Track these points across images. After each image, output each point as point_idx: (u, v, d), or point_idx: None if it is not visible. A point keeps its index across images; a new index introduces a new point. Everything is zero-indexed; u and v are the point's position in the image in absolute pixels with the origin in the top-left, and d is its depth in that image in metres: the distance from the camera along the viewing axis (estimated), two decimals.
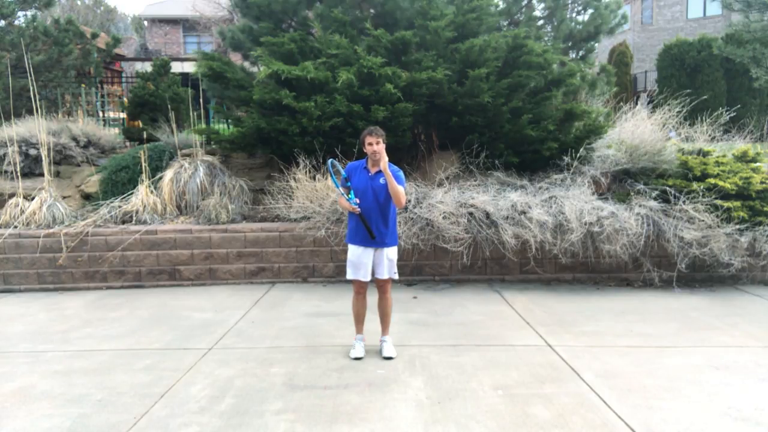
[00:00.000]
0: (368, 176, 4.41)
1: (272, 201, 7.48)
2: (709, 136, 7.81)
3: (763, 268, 6.79)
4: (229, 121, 10.23)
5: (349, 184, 4.43)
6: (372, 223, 4.35)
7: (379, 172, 4.36)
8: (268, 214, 7.50)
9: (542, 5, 9.52)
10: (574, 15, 9.82)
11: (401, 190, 4.31)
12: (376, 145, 4.29)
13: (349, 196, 4.36)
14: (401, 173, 4.42)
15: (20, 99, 10.06)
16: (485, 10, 7.63)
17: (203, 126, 9.93)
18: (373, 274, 4.50)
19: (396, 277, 4.53)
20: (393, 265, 4.48)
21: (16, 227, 7.16)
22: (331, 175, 4.50)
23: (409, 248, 6.66)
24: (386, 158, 4.31)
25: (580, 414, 3.52)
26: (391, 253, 4.47)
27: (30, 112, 8.93)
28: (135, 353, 4.70)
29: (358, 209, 4.30)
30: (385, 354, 4.49)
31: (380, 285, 4.53)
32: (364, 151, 4.39)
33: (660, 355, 4.52)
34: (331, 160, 4.57)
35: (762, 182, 6.70)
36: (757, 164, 7.06)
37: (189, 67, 14.70)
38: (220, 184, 7.88)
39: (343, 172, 4.50)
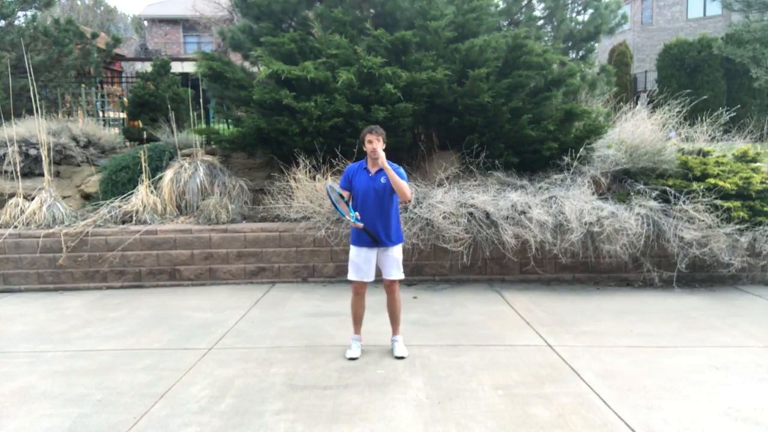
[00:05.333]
0: (369, 176, 4.40)
1: (272, 201, 7.48)
2: (709, 136, 7.81)
3: (763, 268, 6.79)
4: (229, 121, 10.24)
5: (345, 200, 4.40)
6: (376, 226, 4.34)
7: (380, 171, 4.36)
8: (268, 214, 7.50)
9: (542, 5, 9.51)
10: (574, 15, 9.81)
11: (404, 183, 4.30)
12: (376, 143, 4.29)
13: (351, 213, 4.32)
14: (402, 170, 4.41)
15: (20, 99, 10.06)
16: (485, 10, 7.63)
17: (203, 126, 9.93)
18: (379, 274, 4.50)
19: (402, 276, 4.53)
20: (400, 264, 4.49)
21: (16, 227, 7.16)
22: (332, 202, 4.40)
23: (409, 248, 6.66)
24: (383, 154, 4.29)
25: (580, 414, 3.52)
26: (396, 252, 4.47)
27: (30, 112, 8.93)
28: (135, 353, 4.70)
29: (361, 224, 4.28)
30: (397, 353, 4.49)
31: (388, 285, 4.52)
32: (364, 149, 4.39)
33: (660, 355, 4.52)
34: (329, 185, 4.48)
35: (762, 182, 6.70)
36: (757, 164, 7.06)
37: (189, 67, 14.69)
38: (220, 184, 7.88)
39: (337, 189, 4.46)
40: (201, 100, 9.37)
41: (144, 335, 5.17)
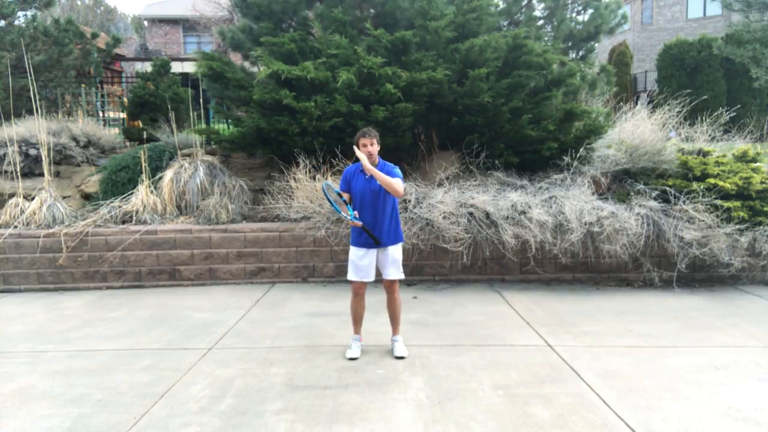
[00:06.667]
0: (365, 179, 4.38)
1: (272, 201, 7.48)
2: (709, 136, 7.81)
3: (763, 268, 6.79)
4: (229, 121, 10.24)
5: (344, 199, 4.42)
6: (375, 227, 4.34)
7: None
8: (268, 214, 7.50)
9: (542, 5, 9.52)
10: (574, 15, 9.82)
11: (394, 180, 4.23)
12: (370, 147, 4.29)
13: (348, 212, 4.33)
14: (397, 169, 4.38)
15: (20, 99, 10.06)
16: (485, 10, 7.63)
17: (203, 126, 9.94)
18: (379, 274, 4.51)
19: (402, 276, 4.53)
20: (399, 264, 4.49)
21: (16, 227, 7.16)
22: (329, 200, 4.41)
23: (409, 248, 6.66)
24: (364, 159, 4.23)
25: (580, 414, 3.52)
26: (396, 252, 4.47)
27: (30, 112, 8.93)
28: (135, 353, 4.70)
29: (360, 222, 4.29)
30: (397, 353, 4.50)
31: (388, 286, 4.53)
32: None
33: (660, 355, 4.52)
34: (324, 183, 4.48)
35: (762, 182, 6.70)
36: (757, 164, 7.06)
37: (189, 67, 14.70)
38: (220, 184, 7.88)
39: (336, 188, 4.49)
40: (201, 100, 9.37)
41: (144, 335, 5.17)
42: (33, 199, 7.53)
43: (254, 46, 8.09)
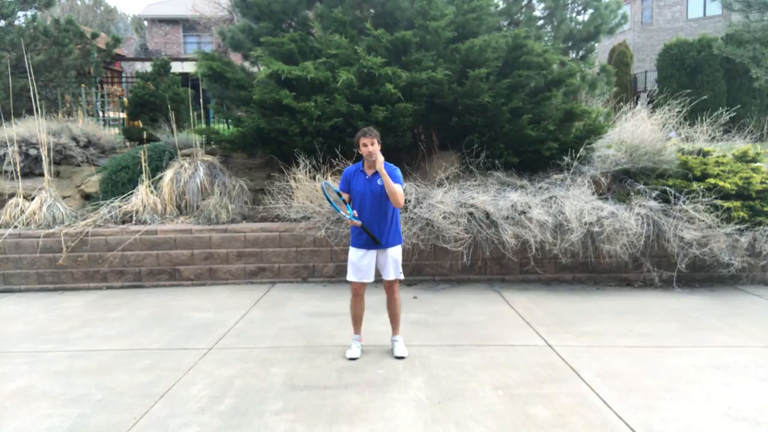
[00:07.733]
0: (365, 179, 4.37)
1: (272, 201, 7.48)
2: (709, 136, 7.81)
3: (763, 268, 6.79)
4: (229, 121, 10.23)
5: (343, 198, 4.42)
6: (375, 228, 4.34)
7: (376, 174, 4.33)
8: (268, 214, 7.50)
9: (542, 5, 9.52)
10: (574, 15, 9.82)
11: (398, 189, 4.23)
12: (371, 146, 4.26)
13: (348, 211, 4.33)
14: (398, 171, 4.37)
15: (20, 99, 10.06)
16: (485, 10, 7.63)
17: (203, 126, 9.92)
18: (378, 274, 4.51)
19: (401, 276, 4.53)
20: (398, 265, 4.49)
21: (16, 227, 7.16)
22: (328, 200, 4.43)
23: (409, 248, 6.66)
24: (381, 158, 4.25)
25: (580, 414, 3.52)
26: (395, 253, 4.47)
27: (30, 112, 8.93)
28: (135, 353, 4.70)
29: (359, 222, 4.29)
30: (397, 353, 4.49)
31: (387, 286, 4.53)
32: (359, 152, 4.37)
33: (660, 355, 4.52)
34: (324, 182, 4.49)
35: (762, 182, 6.70)
36: (757, 164, 7.06)
37: (189, 67, 14.70)
38: (220, 184, 7.88)
39: (336, 188, 4.49)
40: (201, 100, 9.37)
41: (144, 335, 5.17)
42: (33, 199, 7.53)
43: (254, 46, 8.09)
